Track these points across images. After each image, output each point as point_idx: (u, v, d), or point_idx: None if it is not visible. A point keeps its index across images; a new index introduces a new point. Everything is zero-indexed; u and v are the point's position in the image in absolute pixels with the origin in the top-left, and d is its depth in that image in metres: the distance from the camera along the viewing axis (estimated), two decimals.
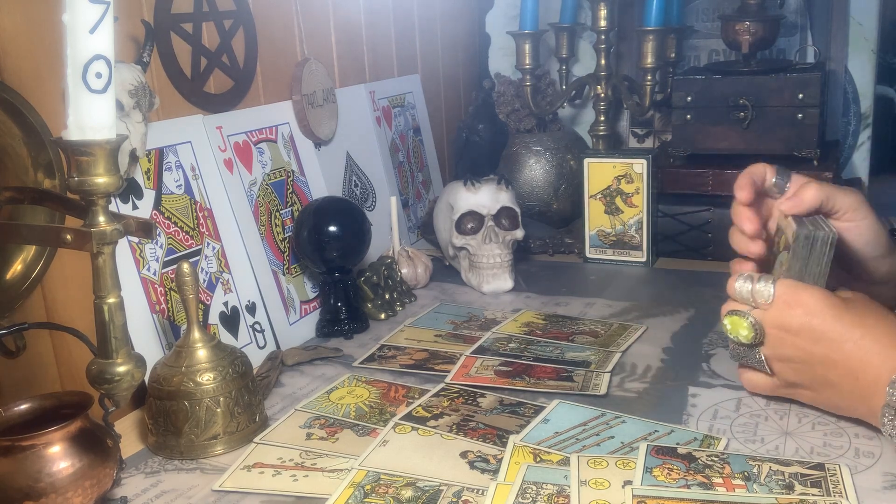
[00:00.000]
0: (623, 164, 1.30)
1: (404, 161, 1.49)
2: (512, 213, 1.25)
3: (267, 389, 0.94)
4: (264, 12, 1.16)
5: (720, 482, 0.70)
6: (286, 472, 0.77)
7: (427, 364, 0.99)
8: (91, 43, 0.59)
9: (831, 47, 1.45)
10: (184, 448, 0.81)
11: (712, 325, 1.06)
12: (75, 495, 0.66)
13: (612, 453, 0.76)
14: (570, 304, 1.17)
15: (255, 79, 1.15)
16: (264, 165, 1.13)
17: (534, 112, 1.52)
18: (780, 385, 0.82)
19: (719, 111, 1.34)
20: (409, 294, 1.23)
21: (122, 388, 0.67)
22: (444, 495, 0.71)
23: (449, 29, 1.67)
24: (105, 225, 0.64)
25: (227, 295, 1.03)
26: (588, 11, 1.51)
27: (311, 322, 1.13)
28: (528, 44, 1.45)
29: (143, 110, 0.89)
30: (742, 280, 0.80)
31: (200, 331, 0.84)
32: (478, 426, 0.83)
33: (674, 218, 1.35)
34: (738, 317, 0.80)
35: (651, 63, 1.39)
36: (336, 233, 1.07)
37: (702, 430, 0.80)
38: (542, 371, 0.95)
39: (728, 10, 1.45)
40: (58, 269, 0.84)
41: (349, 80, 1.37)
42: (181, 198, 1.00)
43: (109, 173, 0.63)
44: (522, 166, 1.48)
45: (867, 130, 1.47)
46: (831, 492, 0.68)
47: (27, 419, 0.70)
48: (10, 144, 0.79)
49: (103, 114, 0.62)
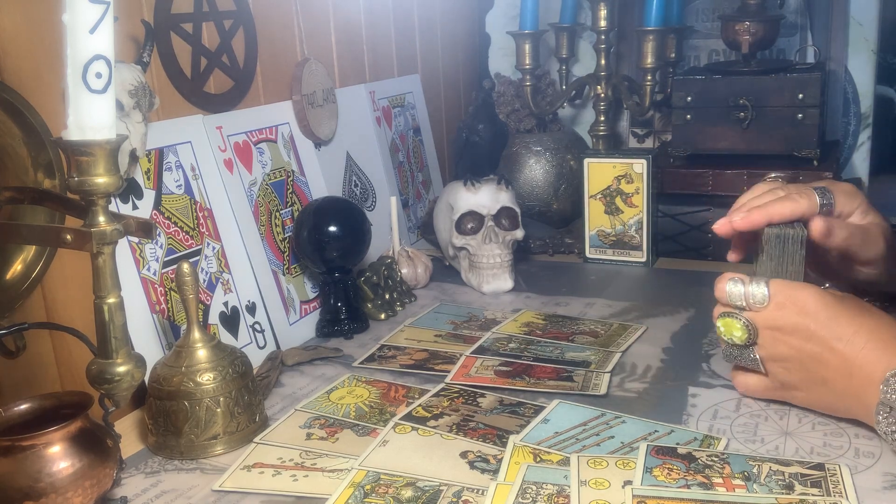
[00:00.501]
0: (623, 164, 1.30)
1: (404, 161, 1.49)
2: (512, 213, 1.25)
3: (267, 389, 0.94)
4: (264, 12, 1.16)
5: (720, 482, 0.70)
6: (286, 472, 0.77)
7: (427, 364, 0.99)
8: (91, 43, 0.59)
9: (831, 47, 1.45)
10: (184, 448, 0.81)
11: (712, 325, 1.06)
12: (75, 495, 0.66)
13: (612, 453, 0.76)
14: (570, 304, 1.17)
15: (255, 79, 1.15)
16: (264, 165, 1.13)
17: (534, 112, 1.52)
18: (774, 387, 0.82)
19: (719, 111, 1.34)
20: (409, 294, 1.23)
21: (122, 388, 0.67)
22: (444, 495, 0.71)
23: (449, 29, 1.67)
24: (105, 225, 0.64)
25: (227, 295, 1.03)
26: (588, 11, 1.51)
27: (311, 322, 1.13)
28: (528, 44, 1.45)
29: (143, 110, 0.89)
30: (732, 283, 0.80)
31: (200, 331, 0.84)
32: (478, 426, 0.83)
33: (674, 218, 1.35)
34: (731, 318, 0.80)
35: (651, 63, 1.39)
36: (336, 233, 1.07)
37: (702, 430, 0.80)
38: (542, 371, 0.95)
39: (728, 10, 1.45)
40: (58, 269, 0.84)
41: (349, 80, 1.37)
42: (181, 198, 1.00)
43: (109, 173, 0.63)
44: (522, 166, 1.48)
45: (867, 130, 1.47)
46: (831, 492, 0.68)
47: (27, 419, 0.70)
48: (10, 144, 0.79)
49: (103, 114, 0.62)
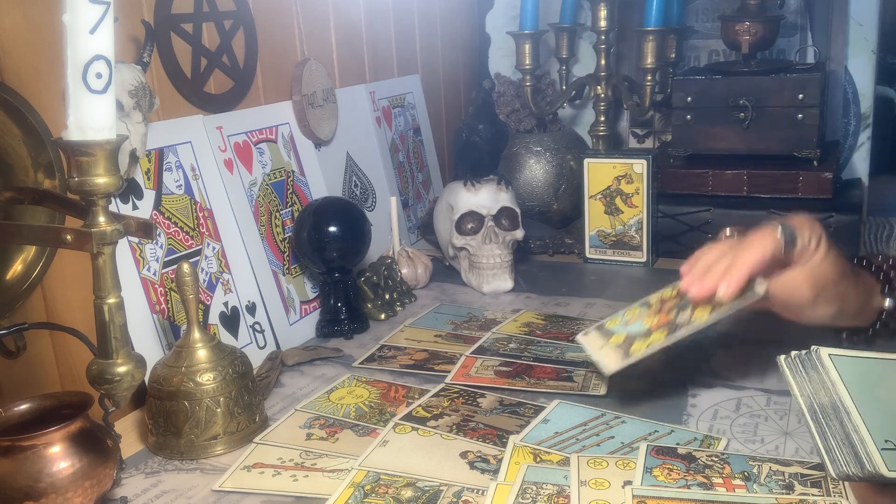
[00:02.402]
0: (623, 164, 1.30)
1: (404, 161, 1.49)
2: (512, 213, 1.25)
3: (267, 389, 0.94)
4: (264, 12, 1.16)
5: (720, 482, 0.70)
6: (286, 472, 0.77)
7: (427, 364, 0.99)
8: (91, 43, 0.59)
9: (831, 47, 1.45)
10: (184, 448, 0.81)
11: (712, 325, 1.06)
12: (75, 495, 0.66)
13: (612, 453, 0.76)
14: (570, 304, 1.17)
15: (255, 79, 1.15)
16: (264, 165, 1.13)
17: (534, 112, 1.52)
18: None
19: (719, 111, 1.34)
20: (409, 294, 1.23)
21: (122, 388, 0.67)
22: (444, 495, 0.71)
23: (449, 29, 1.67)
24: (105, 225, 0.64)
25: (227, 295, 1.03)
26: (588, 12, 1.51)
27: (311, 322, 1.13)
28: (528, 44, 1.45)
29: (143, 110, 0.89)
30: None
31: (200, 331, 0.84)
32: (478, 426, 0.83)
33: (674, 218, 1.35)
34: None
35: (651, 63, 1.39)
36: (336, 233, 1.07)
37: (702, 430, 0.80)
38: (542, 371, 0.95)
39: (728, 10, 1.45)
40: (58, 269, 0.84)
41: (349, 80, 1.37)
42: (181, 198, 1.00)
43: (109, 173, 0.63)
44: (522, 166, 1.48)
45: (867, 131, 1.47)
46: (831, 492, 0.68)
47: (27, 419, 0.70)
48: (10, 144, 0.79)
49: (103, 114, 0.62)
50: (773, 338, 1.01)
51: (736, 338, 1.02)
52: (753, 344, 1.00)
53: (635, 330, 0.86)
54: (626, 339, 0.85)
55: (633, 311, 0.88)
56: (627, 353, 0.84)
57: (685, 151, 1.38)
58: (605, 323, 0.89)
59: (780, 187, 1.30)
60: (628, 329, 0.86)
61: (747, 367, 0.94)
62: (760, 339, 1.01)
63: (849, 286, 0.81)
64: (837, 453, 0.62)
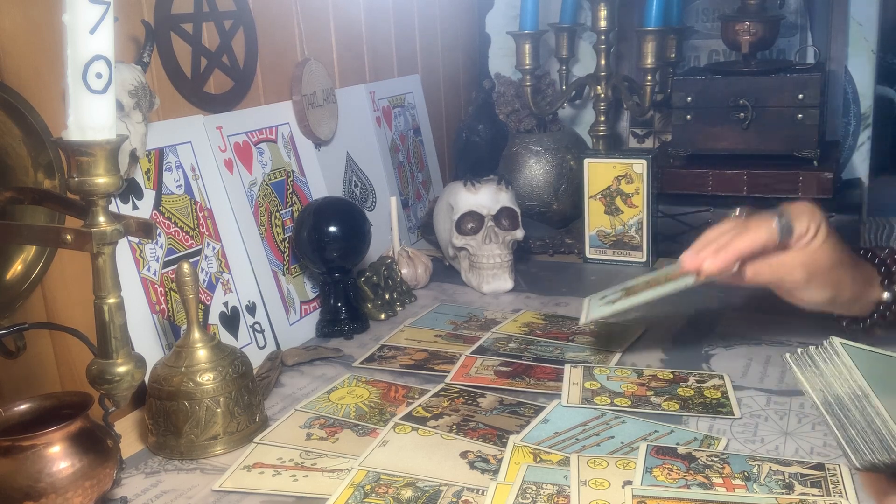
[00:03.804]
0: (623, 164, 1.30)
1: (404, 161, 1.49)
2: (512, 213, 1.25)
3: (267, 389, 0.94)
4: (264, 12, 1.16)
5: (720, 482, 0.70)
6: (286, 472, 0.77)
7: (427, 364, 0.99)
8: (91, 43, 0.59)
9: (831, 47, 1.45)
10: (184, 448, 0.81)
11: (713, 325, 1.06)
12: (75, 495, 0.66)
13: (612, 453, 0.76)
14: (570, 304, 1.17)
15: (255, 79, 1.15)
16: (264, 165, 1.13)
17: (534, 112, 1.52)
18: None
19: (719, 111, 1.34)
20: (409, 294, 1.23)
21: (122, 388, 0.67)
22: (444, 495, 0.71)
23: (449, 29, 1.67)
24: (105, 225, 0.64)
25: (227, 295, 1.03)
26: (588, 12, 1.51)
27: (311, 322, 1.13)
28: (528, 44, 1.45)
29: (143, 110, 0.89)
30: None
31: (200, 331, 0.84)
32: (478, 426, 0.83)
33: (674, 218, 1.35)
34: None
35: (651, 63, 1.39)
36: (336, 233, 1.07)
37: (702, 431, 0.80)
38: (542, 371, 0.95)
39: (728, 10, 1.45)
40: (58, 269, 0.84)
41: (349, 80, 1.37)
42: (181, 198, 1.00)
43: (109, 173, 0.63)
44: (522, 166, 1.48)
45: (867, 131, 1.47)
46: (831, 492, 0.68)
47: (27, 419, 0.70)
48: (10, 144, 0.79)
49: (103, 114, 0.62)
50: (774, 338, 1.01)
51: (736, 338, 1.02)
52: (753, 344, 1.00)
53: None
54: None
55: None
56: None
57: (685, 151, 1.38)
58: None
59: (780, 187, 1.30)
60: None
61: (747, 367, 0.94)
62: (761, 339, 1.01)
63: (844, 274, 0.82)
64: (860, 442, 0.62)
